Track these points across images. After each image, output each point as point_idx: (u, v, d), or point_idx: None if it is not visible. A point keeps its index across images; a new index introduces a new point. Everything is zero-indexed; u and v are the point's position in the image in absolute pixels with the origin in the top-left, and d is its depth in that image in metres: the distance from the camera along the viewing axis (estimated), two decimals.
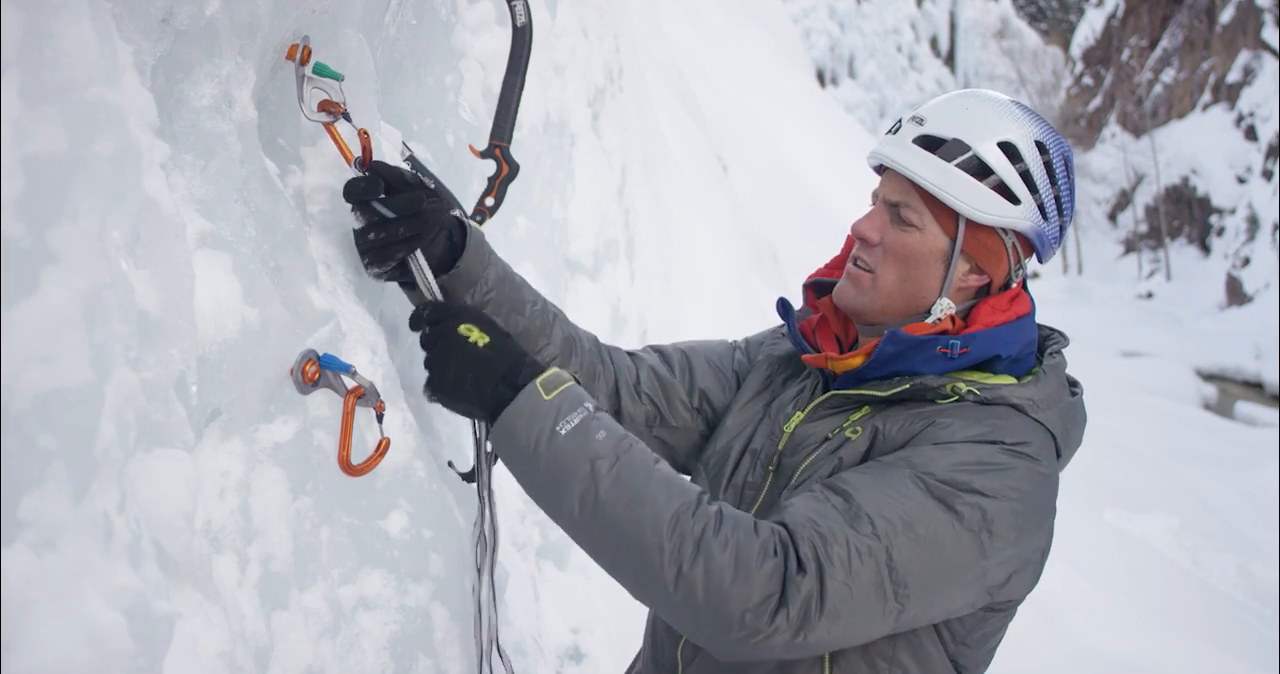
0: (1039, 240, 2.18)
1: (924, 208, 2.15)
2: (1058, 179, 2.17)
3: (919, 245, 2.16)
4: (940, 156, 2.13)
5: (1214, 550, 11.69)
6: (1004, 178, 2.12)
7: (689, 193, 9.28)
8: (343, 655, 1.85)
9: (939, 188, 2.12)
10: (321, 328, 1.86)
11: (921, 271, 2.17)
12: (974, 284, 2.20)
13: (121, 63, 1.37)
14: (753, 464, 2.30)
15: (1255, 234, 35.56)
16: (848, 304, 2.26)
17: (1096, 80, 51.28)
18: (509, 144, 2.45)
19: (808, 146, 19.39)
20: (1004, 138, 2.13)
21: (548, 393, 1.93)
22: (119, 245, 1.29)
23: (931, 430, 2.06)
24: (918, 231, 2.16)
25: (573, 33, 6.23)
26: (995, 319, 2.17)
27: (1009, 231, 2.16)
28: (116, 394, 1.20)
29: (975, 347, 2.14)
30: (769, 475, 2.26)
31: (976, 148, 2.12)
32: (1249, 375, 28.86)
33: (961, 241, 2.15)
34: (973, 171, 2.12)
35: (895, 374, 2.16)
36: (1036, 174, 2.14)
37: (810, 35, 49.02)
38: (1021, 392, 2.14)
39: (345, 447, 1.85)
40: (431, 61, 2.69)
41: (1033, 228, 2.15)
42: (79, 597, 1.12)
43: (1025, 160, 2.13)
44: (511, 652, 2.84)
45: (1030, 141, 2.14)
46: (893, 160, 2.17)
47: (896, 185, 2.18)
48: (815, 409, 2.25)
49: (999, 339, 2.16)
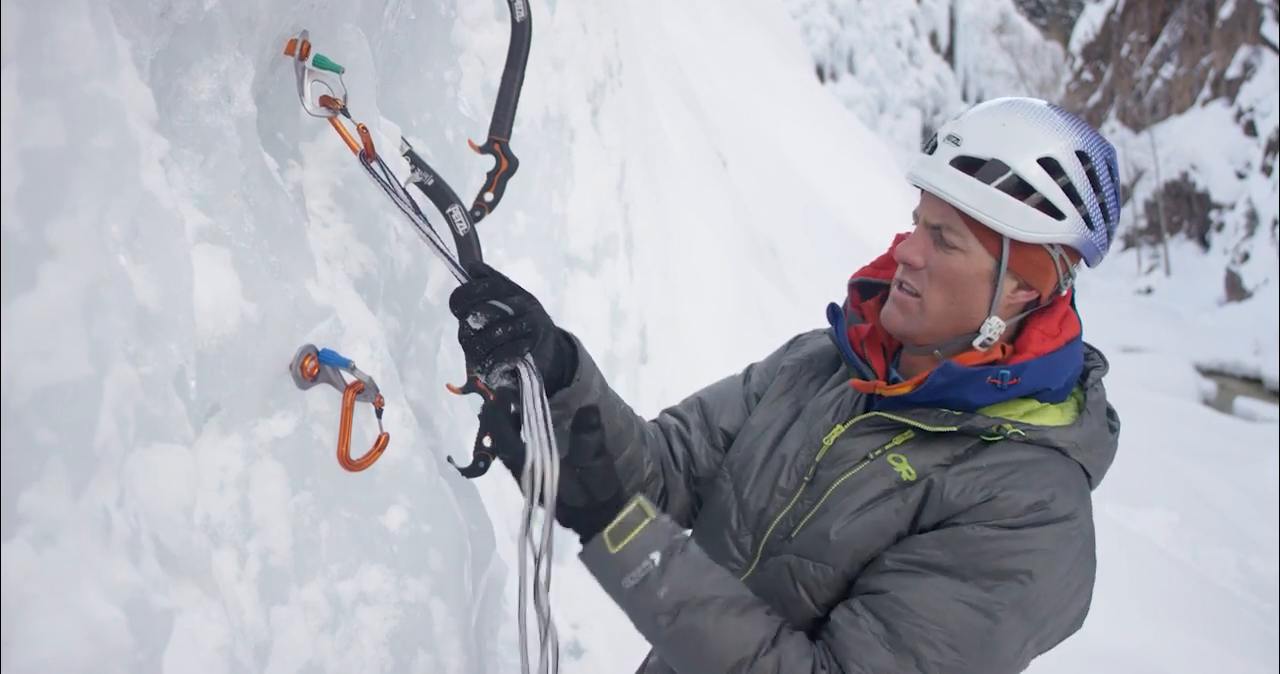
0: (1086, 249, 2.14)
1: (967, 230, 2.11)
2: (1102, 186, 2.12)
3: (964, 268, 2.13)
4: (979, 178, 2.08)
5: (1213, 546, 11.70)
6: (1047, 195, 2.07)
7: (688, 188, 9.28)
8: (342, 650, 1.85)
9: (981, 212, 2.08)
10: (321, 323, 1.86)
11: (968, 293, 2.14)
12: (1022, 300, 2.17)
13: (120, 57, 1.37)
14: (784, 469, 2.31)
15: (1255, 230, 35.53)
16: (896, 329, 2.24)
17: (1096, 75, 51.24)
18: (508, 139, 2.45)
19: (807, 142, 19.36)
20: (1044, 153, 2.08)
21: (614, 546, 1.98)
22: (118, 240, 1.28)
23: (993, 505, 2.06)
24: (962, 254, 2.13)
25: (572, 28, 6.23)
26: (1046, 347, 2.16)
27: (1055, 246, 2.12)
28: (115, 389, 1.20)
29: (1025, 378, 2.12)
30: (802, 484, 2.27)
31: (1016, 167, 2.07)
32: (1248, 371, 28.84)
33: (1007, 261, 2.11)
34: (1014, 191, 2.07)
35: (942, 401, 2.16)
36: (1079, 185, 2.09)
37: (810, 30, 48.96)
38: (1067, 435, 2.14)
39: (344, 442, 1.85)
40: (430, 57, 2.69)
41: (1079, 239, 2.11)
42: (78, 592, 1.12)
43: (1067, 173, 2.08)
44: (510, 647, 2.84)
45: (1071, 153, 2.09)
46: (931, 185, 2.13)
47: (937, 207, 2.14)
48: (856, 425, 2.25)
49: (1048, 370, 2.15)
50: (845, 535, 2.15)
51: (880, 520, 2.13)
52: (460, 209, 2.25)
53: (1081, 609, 2.14)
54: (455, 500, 2.12)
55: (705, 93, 14.85)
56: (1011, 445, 2.12)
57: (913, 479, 2.14)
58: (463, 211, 2.24)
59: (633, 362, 6.76)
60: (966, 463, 2.12)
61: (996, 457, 2.11)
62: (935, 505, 2.10)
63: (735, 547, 2.31)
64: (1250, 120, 38.75)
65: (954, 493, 2.08)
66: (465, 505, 2.18)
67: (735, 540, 2.31)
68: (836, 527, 2.16)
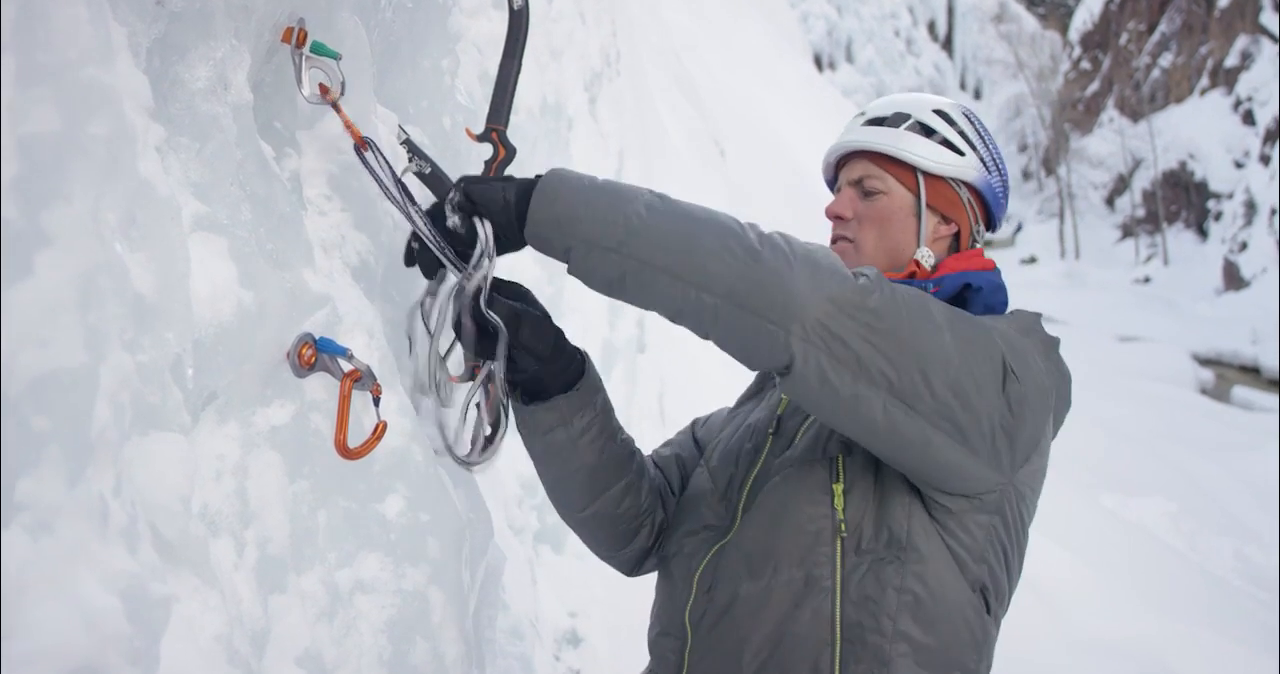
0: (989, 193, 2.39)
1: (884, 173, 2.37)
2: (989, 142, 2.43)
3: (889, 205, 2.36)
4: (888, 127, 2.39)
5: (1211, 535, 11.74)
6: (946, 135, 2.37)
7: (686, 177, 9.28)
8: (340, 638, 1.85)
9: (895, 147, 2.35)
10: (318, 311, 1.85)
11: (896, 228, 2.36)
12: (945, 234, 2.38)
13: (116, 44, 1.37)
14: (749, 435, 2.35)
15: (1253, 219, 35.56)
16: None
17: (1094, 65, 51.24)
18: (506, 128, 2.44)
19: (805, 131, 19.36)
20: (936, 107, 2.41)
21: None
22: (114, 228, 1.28)
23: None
24: (884, 196, 2.37)
25: (570, 17, 6.22)
26: (962, 265, 2.34)
27: (962, 184, 2.37)
28: (112, 377, 1.20)
29: (946, 282, 2.27)
30: (768, 438, 2.29)
31: (916, 115, 2.39)
32: (1246, 360, 28.89)
33: (924, 195, 2.35)
34: (919, 132, 2.37)
35: None
36: (970, 134, 2.39)
37: (808, 20, 48.97)
38: (998, 320, 2.19)
39: (342, 430, 1.85)
40: (428, 45, 2.68)
41: (980, 178, 2.38)
42: (75, 580, 1.11)
43: (959, 123, 2.40)
44: (509, 635, 2.84)
45: (958, 110, 2.43)
46: (849, 141, 2.42)
47: (855, 167, 2.42)
48: None
49: (966, 274, 2.30)
50: (816, 438, 2.20)
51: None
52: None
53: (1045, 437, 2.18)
54: (453, 489, 2.12)
55: (703, 82, 14.84)
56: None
57: None
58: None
59: (631, 351, 6.76)
60: None
61: None
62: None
63: (711, 514, 2.30)
64: (1248, 109, 38.78)
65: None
66: (463, 494, 2.18)
67: (711, 509, 2.31)
68: (808, 439, 2.21)
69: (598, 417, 2.27)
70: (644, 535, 2.45)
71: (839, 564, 2.11)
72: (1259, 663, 8.08)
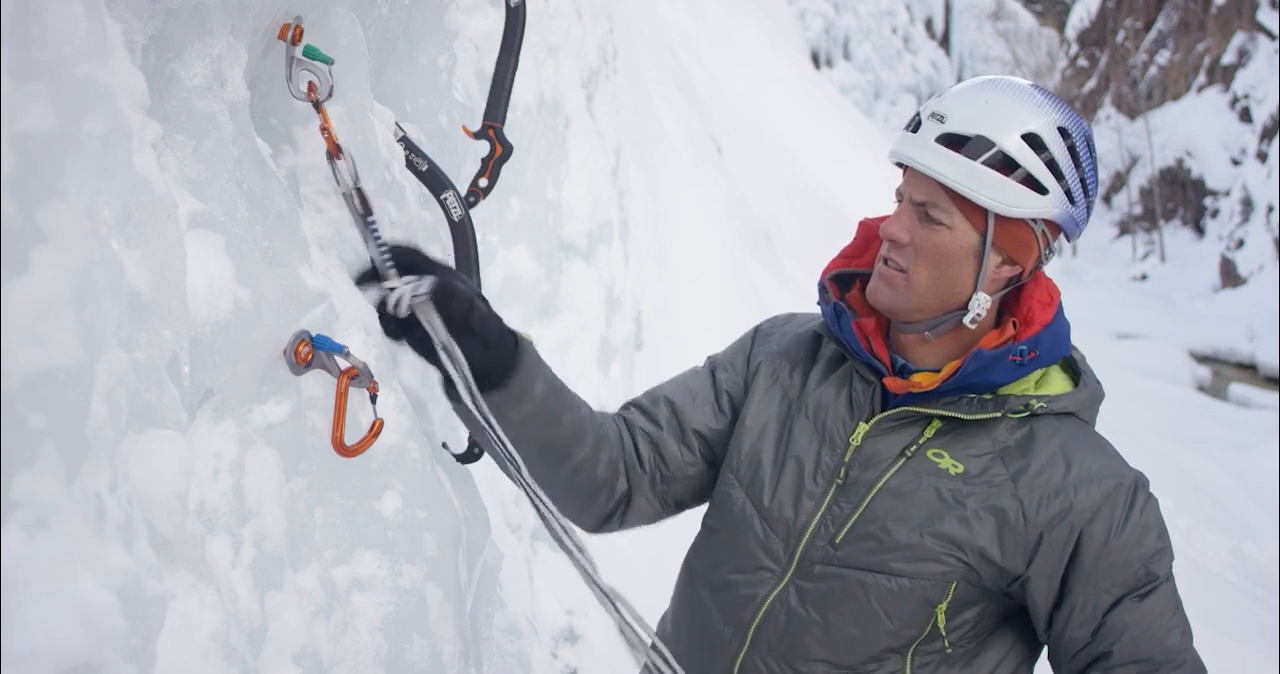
0: (1067, 224, 2.19)
1: (952, 206, 2.14)
2: (1082, 162, 2.17)
3: (950, 243, 2.16)
4: (965, 155, 2.11)
5: (1208, 532, 11.73)
6: (1031, 170, 2.12)
7: (683, 174, 9.27)
8: (337, 636, 1.85)
9: (967, 187, 2.11)
10: (314, 309, 1.85)
11: (954, 269, 2.17)
12: (1006, 275, 2.21)
13: (111, 41, 1.36)
14: (805, 472, 2.29)
15: (1250, 216, 35.52)
16: (883, 304, 2.24)
17: (1091, 62, 51.20)
18: (503, 125, 2.45)
19: (802, 128, 19.35)
20: (1027, 129, 2.12)
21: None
22: (110, 225, 1.28)
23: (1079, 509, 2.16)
24: (947, 230, 2.16)
25: (567, 13, 6.22)
26: (1047, 315, 2.22)
27: (1038, 220, 2.16)
28: (108, 374, 1.20)
29: (1042, 351, 2.20)
30: (833, 486, 2.25)
31: (1000, 143, 2.11)
32: (1243, 357, 28.87)
33: (992, 236, 2.15)
34: (998, 167, 2.11)
35: (967, 386, 2.20)
36: (1062, 161, 2.14)
37: (805, 17, 48.86)
38: (1077, 399, 2.24)
39: (339, 427, 1.85)
40: (424, 42, 2.68)
41: (1061, 214, 2.16)
42: (71, 577, 1.11)
43: (1050, 149, 2.13)
44: (506, 633, 2.84)
45: (1053, 129, 2.14)
46: (917, 161, 2.15)
47: (922, 185, 2.17)
48: (880, 421, 2.25)
49: (1056, 339, 2.22)
50: (920, 552, 2.17)
51: (955, 536, 2.16)
52: (455, 195, 2.24)
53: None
54: (450, 486, 2.11)
55: (700, 79, 14.84)
56: (1039, 424, 2.20)
57: (960, 472, 2.18)
58: (457, 198, 2.24)
59: (628, 348, 6.76)
60: (1015, 466, 2.19)
61: (1039, 456, 2.18)
62: (1021, 530, 2.16)
63: (766, 555, 2.27)
64: (1245, 107, 38.76)
65: (1031, 508, 2.15)
66: (460, 491, 2.18)
67: (765, 549, 2.28)
68: (903, 538, 2.17)
69: (539, 406, 2.18)
70: (601, 501, 2.38)
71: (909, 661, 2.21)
72: (1256, 659, 8.09)
